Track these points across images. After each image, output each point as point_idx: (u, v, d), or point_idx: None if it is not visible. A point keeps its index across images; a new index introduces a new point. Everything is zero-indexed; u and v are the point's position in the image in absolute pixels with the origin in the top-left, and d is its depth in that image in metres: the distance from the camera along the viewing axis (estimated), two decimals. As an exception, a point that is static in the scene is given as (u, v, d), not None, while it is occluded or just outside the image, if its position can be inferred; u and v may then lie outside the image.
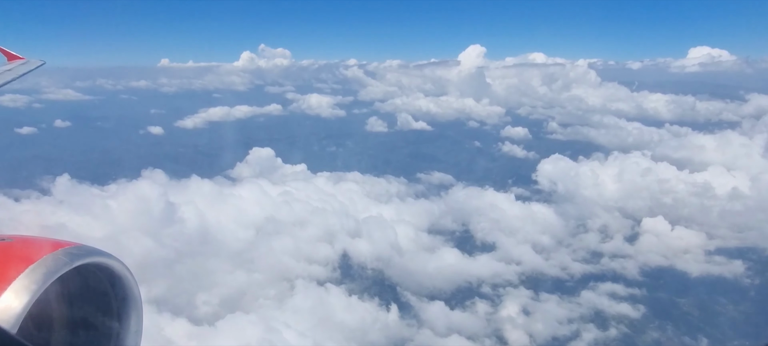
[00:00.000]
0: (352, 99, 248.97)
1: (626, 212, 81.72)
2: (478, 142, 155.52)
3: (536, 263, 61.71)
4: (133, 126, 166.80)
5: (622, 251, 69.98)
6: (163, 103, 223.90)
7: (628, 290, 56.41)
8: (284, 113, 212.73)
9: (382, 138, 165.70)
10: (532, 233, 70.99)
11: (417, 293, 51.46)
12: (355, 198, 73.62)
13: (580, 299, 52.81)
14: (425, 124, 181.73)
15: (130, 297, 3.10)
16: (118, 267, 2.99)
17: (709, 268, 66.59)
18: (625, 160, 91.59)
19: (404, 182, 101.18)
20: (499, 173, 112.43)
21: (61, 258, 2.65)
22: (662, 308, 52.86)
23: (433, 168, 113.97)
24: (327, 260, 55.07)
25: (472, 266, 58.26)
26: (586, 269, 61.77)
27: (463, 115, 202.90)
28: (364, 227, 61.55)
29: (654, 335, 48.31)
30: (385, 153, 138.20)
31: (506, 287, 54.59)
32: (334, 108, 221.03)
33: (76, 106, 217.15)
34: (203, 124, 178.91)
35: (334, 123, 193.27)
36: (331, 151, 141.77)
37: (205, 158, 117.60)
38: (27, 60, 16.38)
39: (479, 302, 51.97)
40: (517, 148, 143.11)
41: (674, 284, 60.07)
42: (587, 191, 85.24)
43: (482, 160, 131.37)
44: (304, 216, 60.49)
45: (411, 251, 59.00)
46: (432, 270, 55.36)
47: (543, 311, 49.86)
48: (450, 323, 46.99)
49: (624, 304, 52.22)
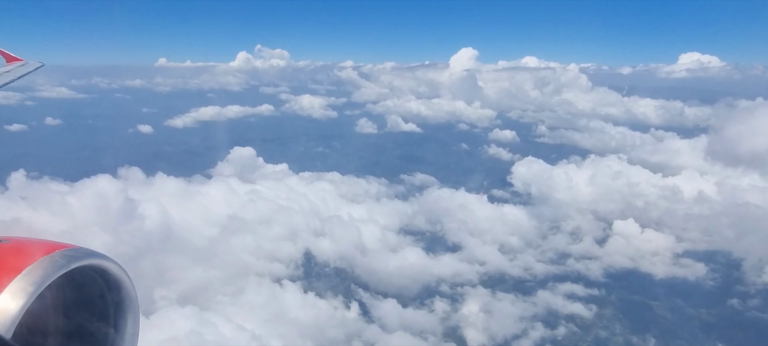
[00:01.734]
0: (345, 100, 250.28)
1: (599, 215, 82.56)
2: (465, 145, 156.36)
3: (500, 263, 62.50)
4: (123, 124, 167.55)
5: (590, 252, 70.78)
6: (157, 103, 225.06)
7: (588, 291, 57.23)
8: (276, 114, 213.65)
9: (370, 139, 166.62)
10: (502, 234, 71.80)
11: (373, 291, 52.32)
12: (327, 198, 74.42)
13: (536, 299, 53.61)
14: (415, 126, 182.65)
15: (126, 300, 3.09)
16: (116, 270, 2.99)
17: (675, 270, 67.45)
18: (599, 164, 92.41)
19: (385, 182, 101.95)
20: (481, 175, 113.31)
21: (58, 260, 2.64)
22: (616, 309, 53.73)
23: (417, 169, 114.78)
24: (289, 258, 55.90)
25: (434, 265, 59.08)
26: (550, 270, 62.56)
27: (454, 118, 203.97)
28: (329, 226, 62.36)
29: (602, 334, 49.11)
30: (372, 154, 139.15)
31: (464, 286, 55.42)
32: (326, 109, 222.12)
33: (68, 104, 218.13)
34: (193, 123, 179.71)
35: (324, 124, 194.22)
36: (318, 151, 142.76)
37: (189, 157, 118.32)
38: (26, 62, 16.31)
39: (436, 301, 52.79)
40: (502, 151, 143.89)
41: (635, 286, 60.91)
42: (561, 193, 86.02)
43: (467, 162, 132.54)
44: (269, 215, 61.30)
45: (375, 250, 59.78)
46: (392, 269, 56.20)
47: (496, 310, 50.67)
48: (402, 320, 47.82)
49: (578, 304, 53.07)
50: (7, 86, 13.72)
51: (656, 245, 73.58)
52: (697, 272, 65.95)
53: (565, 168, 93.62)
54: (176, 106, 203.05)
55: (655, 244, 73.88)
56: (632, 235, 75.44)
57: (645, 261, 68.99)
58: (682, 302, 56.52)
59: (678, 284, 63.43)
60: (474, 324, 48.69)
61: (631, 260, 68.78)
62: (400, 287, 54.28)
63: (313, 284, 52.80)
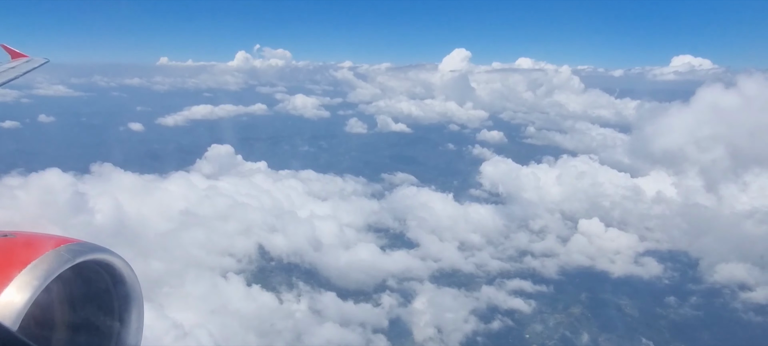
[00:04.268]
0: (340, 100, 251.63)
1: (567, 214, 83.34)
2: (452, 145, 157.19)
3: (455, 260, 63.38)
4: (115, 122, 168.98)
5: (551, 250, 71.50)
6: (152, 101, 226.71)
7: (536, 288, 57.99)
8: (269, 113, 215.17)
9: (358, 139, 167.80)
10: (464, 232, 72.65)
11: (317, 285, 53.36)
12: (292, 195, 75.49)
13: (479, 294, 54.45)
14: (405, 127, 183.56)
15: (131, 294, 3.10)
16: (121, 264, 3.00)
17: (632, 269, 68.00)
18: (567, 164, 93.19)
19: (364, 181, 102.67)
20: (460, 174, 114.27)
21: (63, 255, 2.66)
22: (557, 304, 54.59)
23: (401, 169, 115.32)
24: (241, 253, 56.91)
25: (386, 261, 60.04)
26: (504, 267, 63.39)
27: (445, 119, 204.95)
28: (285, 222, 63.41)
29: (537, 329, 49.96)
30: (358, 153, 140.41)
31: (412, 282, 56.35)
32: (319, 109, 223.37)
33: (64, 102, 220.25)
34: (184, 122, 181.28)
35: (315, 123, 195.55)
36: (303, 150, 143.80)
37: (171, 154, 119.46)
38: (31, 58, 16.59)
39: (382, 296, 53.75)
40: (487, 152, 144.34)
41: (587, 283, 61.67)
42: (529, 193, 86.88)
43: (450, 162, 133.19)
44: (225, 211, 62.50)
45: (329, 246, 60.71)
46: (342, 264, 57.23)
47: (437, 304, 51.52)
48: (342, 313, 48.75)
49: (519, 299, 53.89)
50: (12, 83, 14.08)
51: (618, 244, 74.24)
52: (652, 271, 66.55)
53: (534, 168, 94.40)
54: (171, 104, 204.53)
55: (617, 243, 74.54)
56: (596, 234, 76.12)
57: (603, 259, 69.63)
58: (628, 300, 57.24)
59: (632, 282, 64.06)
60: (410, 317, 49.76)
61: (589, 259, 69.50)
62: (348, 282, 55.29)
63: (261, 278, 53.85)
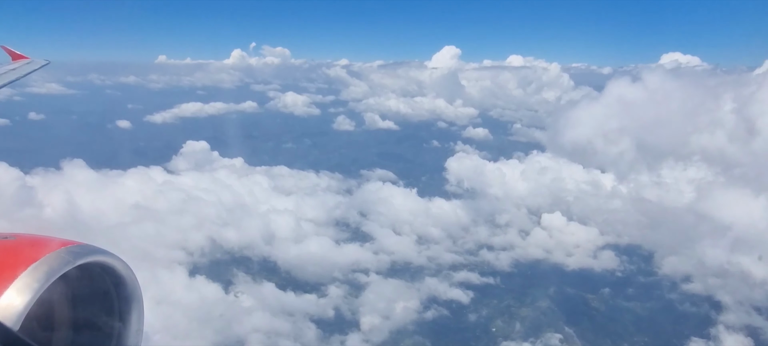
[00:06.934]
0: (333, 98, 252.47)
1: (532, 209, 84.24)
2: (437, 142, 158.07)
3: (408, 253, 64.44)
4: (104, 120, 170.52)
5: (510, 244, 72.33)
6: (144, 99, 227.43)
7: (482, 279, 59.02)
8: (259, 111, 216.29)
9: (345, 137, 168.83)
10: (423, 226, 73.67)
11: (264, 278, 54.55)
12: (255, 190, 76.69)
13: (422, 285, 55.55)
14: (392, 124, 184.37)
15: (132, 296, 3.11)
16: (121, 266, 3.01)
17: (588, 262, 68.86)
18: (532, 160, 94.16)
19: (339, 177, 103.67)
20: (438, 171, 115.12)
21: (63, 256, 2.66)
22: (498, 296, 55.62)
23: (381, 166, 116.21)
24: (192, 246, 57.88)
25: (338, 254, 61.15)
26: (456, 260, 64.34)
27: (434, 116, 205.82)
28: (240, 216, 64.65)
29: (471, 318, 50.98)
30: (342, 150, 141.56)
31: (358, 273, 57.44)
32: (310, 106, 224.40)
33: (57, 100, 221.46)
34: (173, 119, 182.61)
35: (304, 121, 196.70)
36: (287, 147, 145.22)
37: (153, 151, 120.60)
38: (31, 60, 16.61)
39: (328, 287, 54.86)
40: (469, 148, 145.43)
41: (536, 276, 62.63)
42: (496, 188, 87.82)
43: (431, 159, 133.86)
44: (179, 205, 63.74)
45: (282, 239, 61.90)
46: (293, 257, 58.42)
47: (378, 294, 52.66)
48: (282, 303, 49.92)
49: (458, 290, 54.89)
50: (12, 84, 14.04)
51: (578, 238, 75.15)
52: (607, 264, 67.41)
53: (502, 164, 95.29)
54: (163, 102, 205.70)
55: (577, 236, 75.47)
56: (557, 227, 77.04)
57: (560, 252, 70.57)
58: (573, 291, 58.15)
59: (584, 275, 64.88)
60: (352, 308, 50.89)
61: (545, 252, 70.38)
62: (298, 274, 56.54)
63: (208, 270, 54.90)
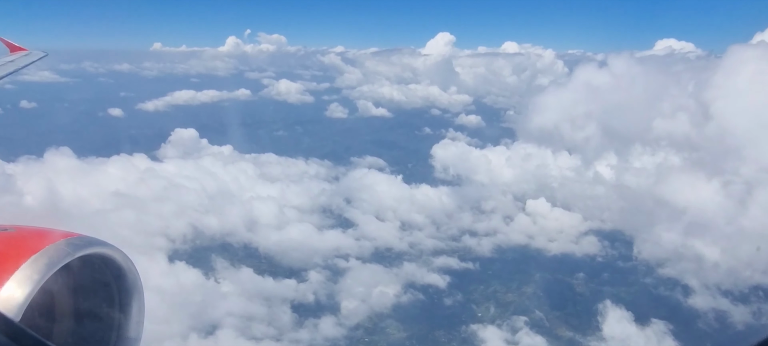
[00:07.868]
0: (327, 85, 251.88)
1: (518, 195, 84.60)
2: (430, 130, 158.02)
3: (390, 239, 64.86)
4: (95, 108, 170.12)
5: (494, 230, 72.73)
6: (137, 87, 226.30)
7: (462, 265, 59.48)
8: (252, 98, 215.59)
9: (338, 124, 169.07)
10: (407, 212, 73.97)
11: (243, 263, 54.99)
12: (240, 177, 76.90)
13: (399, 270, 56.07)
14: (386, 111, 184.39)
15: (132, 288, 3.13)
16: (121, 258, 3.03)
17: (570, 247, 69.36)
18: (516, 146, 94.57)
19: (328, 164, 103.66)
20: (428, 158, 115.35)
21: (63, 248, 2.67)
22: (473, 280, 56.16)
23: (373, 153, 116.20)
24: (174, 233, 58.15)
25: (319, 240, 61.56)
26: (437, 246, 64.80)
27: (428, 103, 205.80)
28: (223, 203, 64.98)
29: (447, 302, 51.55)
30: (334, 137, 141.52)
31: (338, 259, 57.86)
32: (304, 94, 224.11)
33: (49, 87, 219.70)
34: (165, 107, 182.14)
35: (297, 108, 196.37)
36: (278, 135, 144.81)
37: (143, 139, 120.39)
38: (30, 51, 16.61)
39: (308, 273, 55.24)
40: (460, 135, 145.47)
41: (515, 261, 63.13)
42: (482, 175, 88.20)
43: (422, 146, 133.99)
44: (161, 192, 63.98)
45: (264, 226, 62.28)
46: (273, 244, 58.87)
47: (356, 278, 53.19)
48: (260, 288, 50.34)
49: (435, 275, 55.39)
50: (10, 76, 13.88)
51: (562, 223, 75.59)
52: (588, 250, 67.89)
53: (489, 151, 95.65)
54: (156, 90, 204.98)
55: (560, 222, 75.91)
56: (541, 213, 77.48)
57: (542, 238, 71.02)
58: (550, 276, 58.65)
59: (566, 260, 65.37)
60: (330, 292, 51.44)
61: (528, 238, 70.85)
62: (279, 260, 57.00)
63: (189, 256, 55.21)
